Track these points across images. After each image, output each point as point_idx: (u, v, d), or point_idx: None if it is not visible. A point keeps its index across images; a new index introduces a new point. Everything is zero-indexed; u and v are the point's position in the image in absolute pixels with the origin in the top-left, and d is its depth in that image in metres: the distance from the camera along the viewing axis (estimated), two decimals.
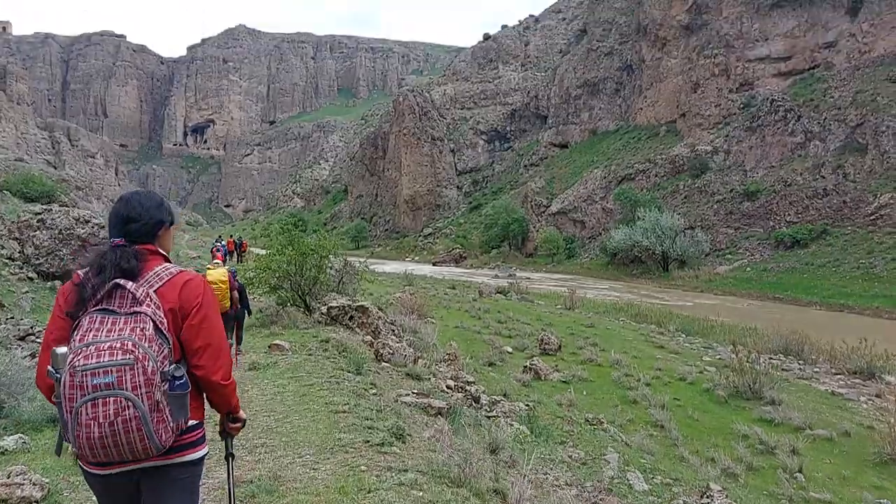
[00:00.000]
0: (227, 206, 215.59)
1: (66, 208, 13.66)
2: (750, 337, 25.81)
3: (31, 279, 14.73)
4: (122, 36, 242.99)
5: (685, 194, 64.11)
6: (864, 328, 31.20)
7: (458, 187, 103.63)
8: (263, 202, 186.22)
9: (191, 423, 2.51)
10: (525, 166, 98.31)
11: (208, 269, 11.61)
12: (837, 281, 43.97)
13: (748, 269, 51.65)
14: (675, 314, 31.96)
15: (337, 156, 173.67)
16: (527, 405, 9.76)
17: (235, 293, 11.48)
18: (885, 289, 40.51)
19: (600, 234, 67.74)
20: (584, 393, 15.01)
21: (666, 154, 70.10)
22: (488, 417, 8.36)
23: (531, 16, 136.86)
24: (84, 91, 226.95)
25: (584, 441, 9.01)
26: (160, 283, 2.47)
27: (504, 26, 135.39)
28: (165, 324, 2.39)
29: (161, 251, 2.64)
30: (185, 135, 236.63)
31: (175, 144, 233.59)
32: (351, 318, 11.88)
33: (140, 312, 2.34)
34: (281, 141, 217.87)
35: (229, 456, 2.87)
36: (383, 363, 9.25)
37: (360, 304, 12.19)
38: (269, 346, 9.31)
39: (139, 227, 2.57)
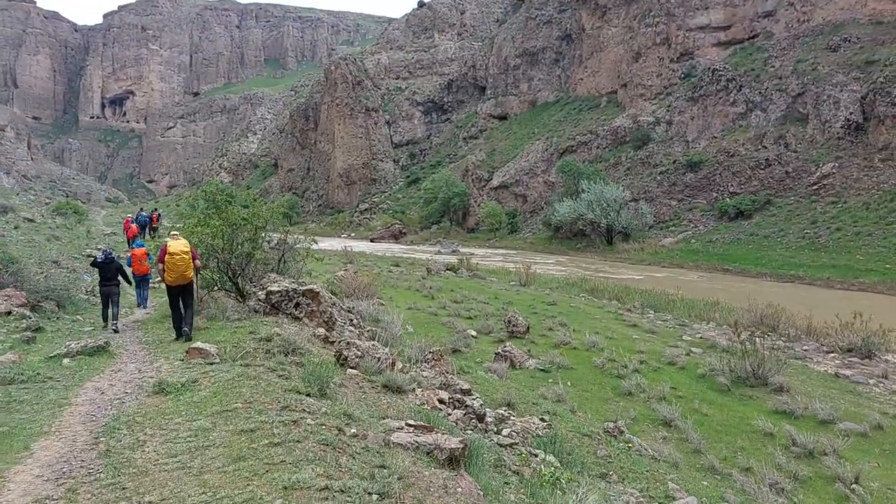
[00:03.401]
0: (149, 181, 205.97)
1: None
2: (717, 311, 24.40)
3: None
4: (31, 1, 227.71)
5: (628, 166, 63.06)
6: (824, 299, 30.43)
7: (394, 160, 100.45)
8: (188, 177, 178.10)
9: None
10: (464, 139, 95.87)
11: (167, 240, 10.06)
12: (784, 251, 43.52)
13: (693, 240, 50.90)
14: (632, 289, 30.54)
15: (265, 128, 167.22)
16: (542, 419, 7.42)
17: (198, 262, 9.91)
18: (832, 259, 40.22)
19: (542, 207, 66.15)
20: (569, 384, 13.06)
21: (608, 125, 68.92)
22: (503, 446, 6.00)
23: None
24: None
25: (628, 470, 6.79)
26: None
27: None
28: None
29: None
30: (103, 107, 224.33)
31: (92, 117, 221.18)
32: (297, 305, 9.27)
33: None
34: (206, 113, 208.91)
35: None
36: (349, 369, 6.73)
37: (308, 287, 9.56)
38: (186, 352, 6.58)
39: None
